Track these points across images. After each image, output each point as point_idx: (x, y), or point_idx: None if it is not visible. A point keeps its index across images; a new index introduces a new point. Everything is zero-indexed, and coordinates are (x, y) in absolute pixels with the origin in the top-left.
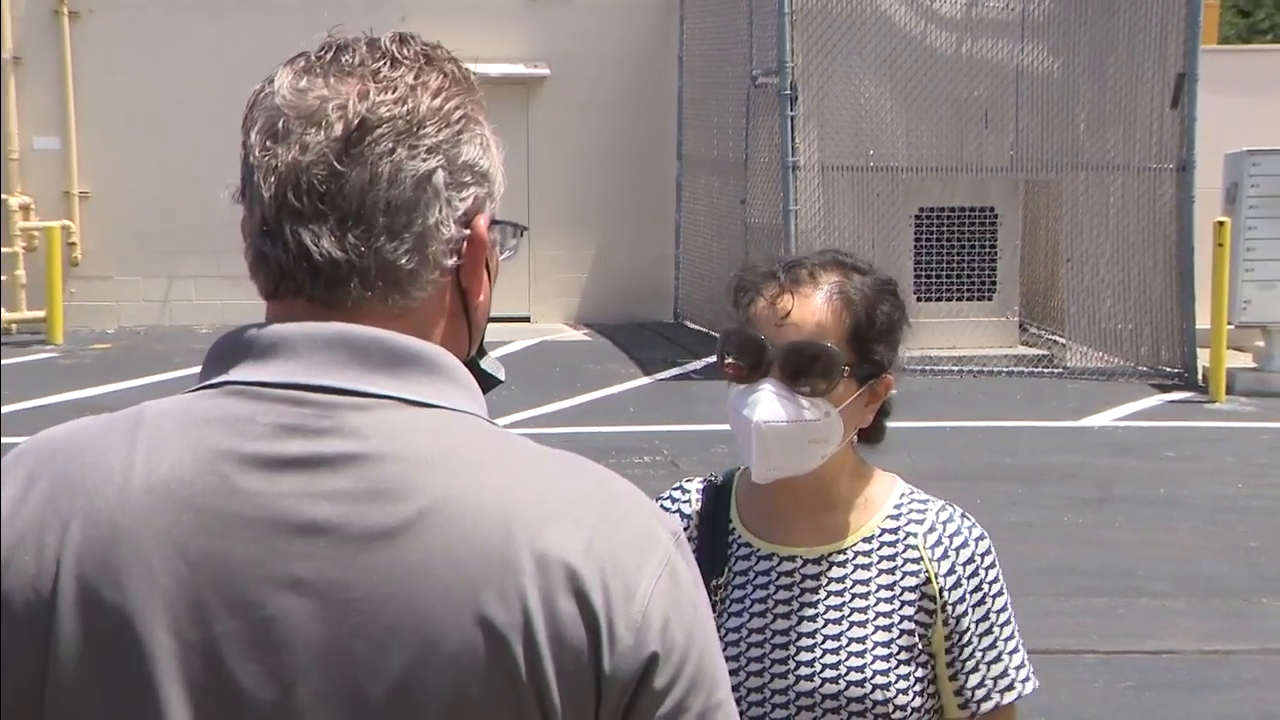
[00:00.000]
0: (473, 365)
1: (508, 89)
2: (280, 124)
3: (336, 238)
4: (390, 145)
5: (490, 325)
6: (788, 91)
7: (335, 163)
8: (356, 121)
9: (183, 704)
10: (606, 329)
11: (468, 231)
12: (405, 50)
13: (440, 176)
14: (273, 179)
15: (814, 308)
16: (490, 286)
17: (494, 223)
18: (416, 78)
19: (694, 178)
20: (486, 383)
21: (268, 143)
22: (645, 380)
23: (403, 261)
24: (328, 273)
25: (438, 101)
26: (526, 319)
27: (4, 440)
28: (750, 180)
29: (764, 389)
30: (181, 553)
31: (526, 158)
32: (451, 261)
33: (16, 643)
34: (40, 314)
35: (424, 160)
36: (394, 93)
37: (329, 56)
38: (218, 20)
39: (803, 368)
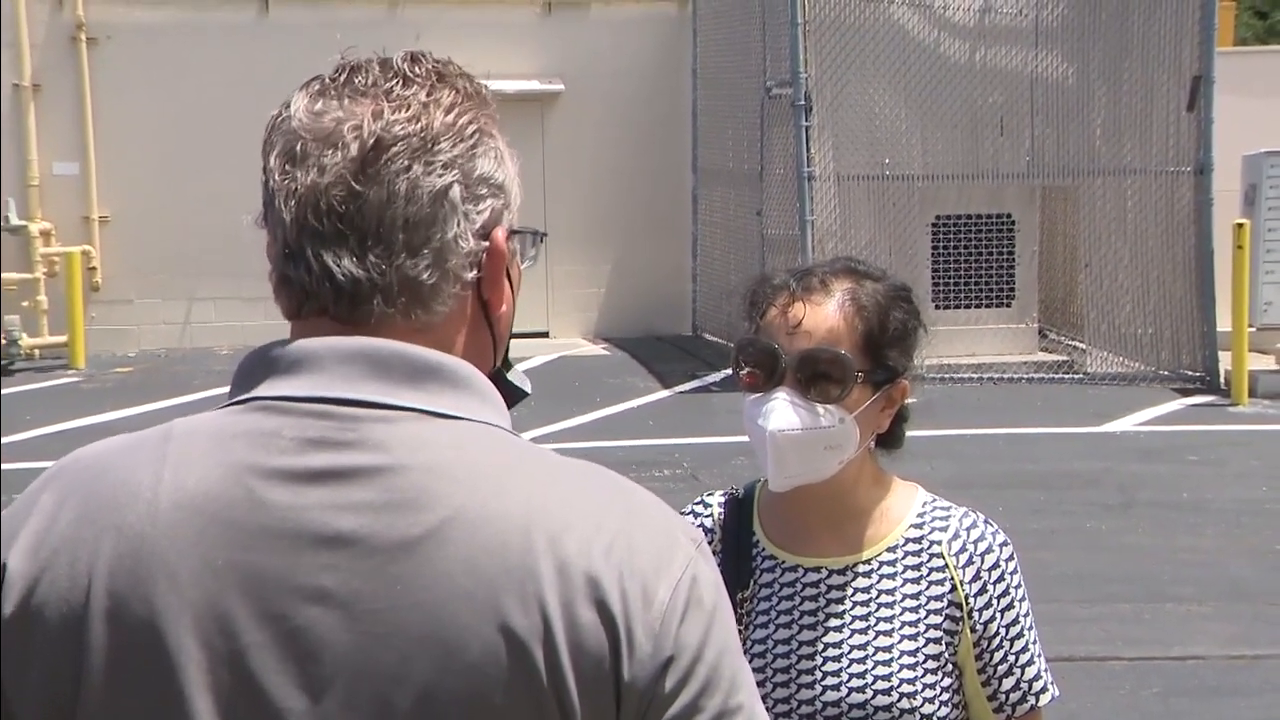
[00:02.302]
0: (499, 378)
1: (523, 105)
2: (298, 147)
3: (357, 258)
4: (406, 163)
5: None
6: (802, 102)
7: (353, 183)
8: (372, 141)
9: (211, 714)
10: (625, 343)
11: (486, 244)
12: (417, 69)
13: (456, 191)
14: (293, 202)
15: (826, 315)
16: (513, 297)
17: (512, 233)
18: (429, 95)
19: (709, 190)
20: (513, 395)
21: (286, 166)
22: (664, 393)
23: (424, 277)
24: (350, 291)
25: (451, 117)
26: (545, 334)
27: (30, 465)
28: (766, 191)
29: (778, 397)
30: (209, 565)
31: (542, 174)
32: (471, 275)
33: (51, 656)
34: (62, 339)
35: (440, 176)
36: (407, 111)
37: (343, 78)
38: (235, 44)
39: (816, 375)
